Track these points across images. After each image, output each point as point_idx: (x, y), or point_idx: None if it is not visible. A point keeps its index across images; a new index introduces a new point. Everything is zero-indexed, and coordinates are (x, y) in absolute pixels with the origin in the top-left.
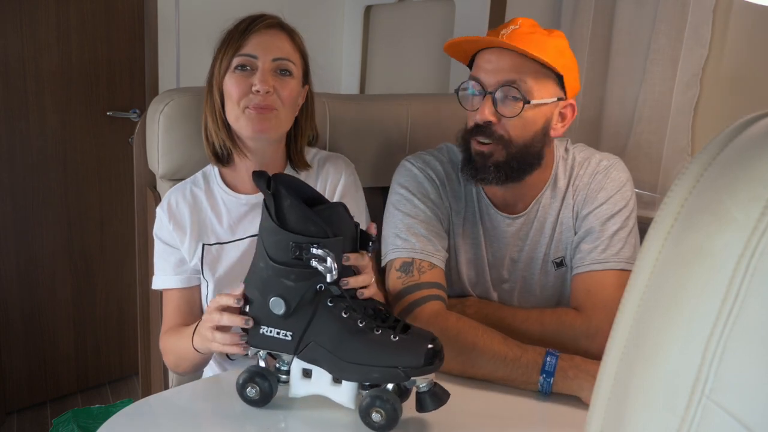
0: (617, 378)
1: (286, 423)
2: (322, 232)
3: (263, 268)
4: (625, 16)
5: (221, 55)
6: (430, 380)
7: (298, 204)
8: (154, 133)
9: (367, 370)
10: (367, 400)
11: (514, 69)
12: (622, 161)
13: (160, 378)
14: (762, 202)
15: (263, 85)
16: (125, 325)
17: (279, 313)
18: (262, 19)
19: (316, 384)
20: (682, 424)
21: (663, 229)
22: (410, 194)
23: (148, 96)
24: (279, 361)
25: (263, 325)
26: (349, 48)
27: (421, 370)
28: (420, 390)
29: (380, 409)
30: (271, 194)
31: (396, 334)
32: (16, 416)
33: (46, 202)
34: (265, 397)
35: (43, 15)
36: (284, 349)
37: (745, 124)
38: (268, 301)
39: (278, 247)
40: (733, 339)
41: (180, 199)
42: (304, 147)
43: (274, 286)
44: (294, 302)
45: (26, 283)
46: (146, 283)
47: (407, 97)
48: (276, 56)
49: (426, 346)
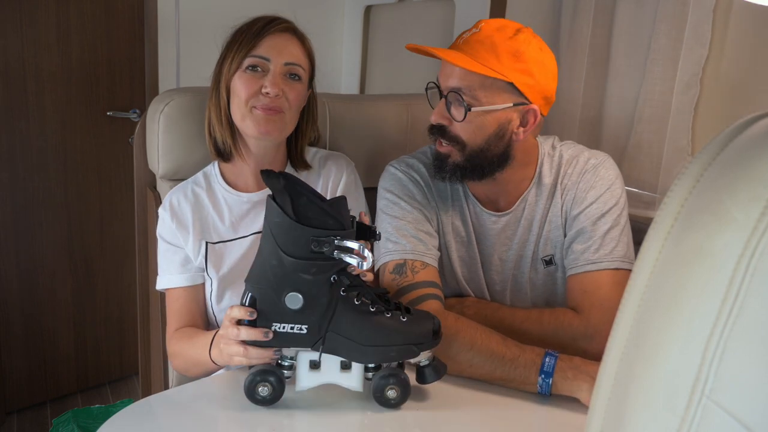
0: (617, 378)
1: (291, 419)
2: (339, 226)
3: (276, 265)
4: (625, 16)
5: (232, 53)
6: (431, 354)
7: (315, 200)
8: (154, 133)
9: (386, 350)
10: (381, 381)
11: (460, 77)
12: (611, 158)
13: (160, 378)
14: (762, 202)
15: (274, 88)
16: (125, 325)
17: (295, 308)
18: (277, 22)
19: (326, 373)
20: (682, 424)
21: (663, 229)
22: (396, 197)
23: (148, 96)
24: (281, 357)
25: (275, 322)
26: (349, 48)
27: (429, 344)
28: (422, 364)
29: (395, 386)
30: (286, 192)
31: (404, 315)
32: (16, 416)
33: (46, 202)
34: (276, 396)
35: (43, 15)
36: (300, 344)
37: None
38: (283, 297)
39: (296, 243)
40: (733, 339)
41: (182, 199)
42: (305, 148)
43: (290, 282)
44: (311, 295)
45: (26, 283)
46: (146, 283)
47: (407, 97)
48: (288, 60)
49: (431, 323)
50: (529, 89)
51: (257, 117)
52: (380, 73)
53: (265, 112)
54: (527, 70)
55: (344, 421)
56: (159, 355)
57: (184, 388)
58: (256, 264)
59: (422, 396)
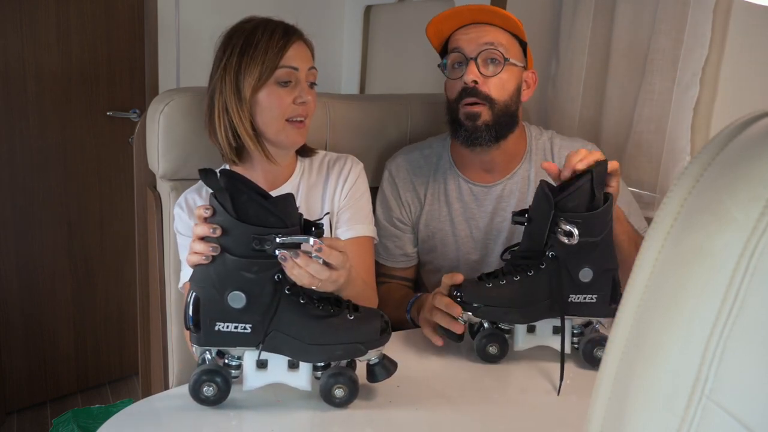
0: (617, 378)
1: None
2: (281, 223)
3: (219, 263)
4: (625, 16)
5: (256, 65)
6: (380, 353)
7: (256, 197)
8: (154, 133)
9: (332, 349)
10: (328, 380)
11: (491, 34)
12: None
13: (160, 378)
14: (762, 202)
15: (309, 96)
16: (125, 325)
17: (238, 307)
18: (294, 30)
19: (273, 373)
20: (682, 424)
21: (663, 229)
22: (378, 204)
23: (148, 96)
24: (228, 356)
25: (219, 321)
26: (349, 48)
27: (377, 342)
28: (371, 362)
29: (342, 385)
30: (225, 190)
31: (351, 313)
32: (16, 416)
33: (46, 202)
34: (221, 396)
35: (43, 15)
36: (245, 343)
37: (745, 124)
38: (225, 296)
39: (237, 241)
40: (733, 339)
41: (197, 198)
42: None
43: (232, 281)
44: (254, 294)
45: (26, 283)
46: (146, 283)
47: (407, 97)
48: (309, 66)
49: (379, 321)
50: (529, 55)
51: (292, 129)
52: (380, 73)
53: (298, 124)
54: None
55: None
56: (159, 355)
57: (184, 388)
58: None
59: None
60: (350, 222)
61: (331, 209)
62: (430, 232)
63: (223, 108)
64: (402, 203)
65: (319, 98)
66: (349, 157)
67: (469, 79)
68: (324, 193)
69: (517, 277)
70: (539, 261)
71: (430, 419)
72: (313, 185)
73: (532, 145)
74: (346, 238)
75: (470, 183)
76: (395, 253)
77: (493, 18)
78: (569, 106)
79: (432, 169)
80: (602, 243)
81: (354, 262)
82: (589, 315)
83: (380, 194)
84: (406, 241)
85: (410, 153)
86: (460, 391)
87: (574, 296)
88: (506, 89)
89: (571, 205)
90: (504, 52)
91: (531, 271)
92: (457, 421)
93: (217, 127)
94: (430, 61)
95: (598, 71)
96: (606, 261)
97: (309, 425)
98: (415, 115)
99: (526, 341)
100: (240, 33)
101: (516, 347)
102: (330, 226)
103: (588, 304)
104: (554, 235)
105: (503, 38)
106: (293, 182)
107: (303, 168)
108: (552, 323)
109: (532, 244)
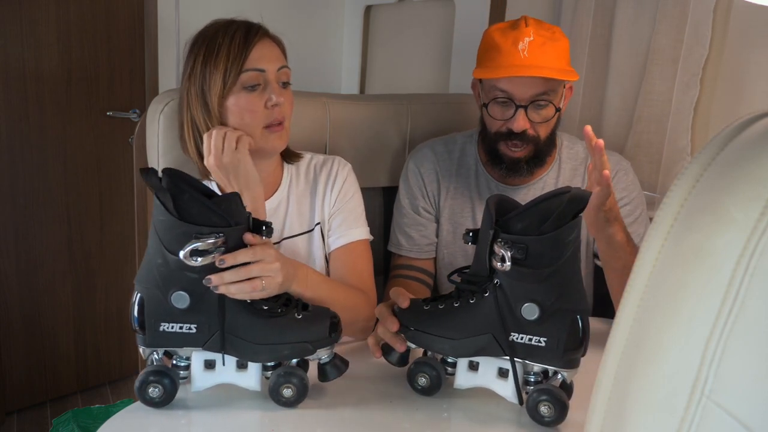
0: (617, 378)
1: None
2: (225, 222)
3: (161, 263)
4: (625, 16)
5: (219, 72)
6: (330, 352)
7: (198, 196)
8: (154, 133)
9: (279, 348)
10: (277, 380)
11: (543, 84)
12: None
13: None
14: (762, 202)
15: (280, 97)
16: (125, 325)
17: (183, 307)
18: (257, 29)
19: (221, 373)
20: (682, 424)
21: (663, 229)
22: (403, 194)
23: (148, 96)
24: (176, 357)
25: (163, 322)
26: (349, 48)
27: (326, 341)
28: (322, 361)
29: (290, 385)
30: (166, 189)
31: (299, 312)
32: (16, 416)
33: (46, 202)
34: (168, 397)
35: (43, 15)
36: (191, 343)
37: (745, 124)
38: (169, 296)
39: (179, 240)
40: (733, 339)
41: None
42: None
43: (175, 281)
44: (198, 294)
45: (26, 283)
46: None
47: (407, 97)
48: (279, 65)
49: (328, 320)
50: None
51: (272, 134)
52: (380, 73)
53: (276, 127)
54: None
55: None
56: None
57: (184, 388)
58: (143, 264)
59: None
60: (342, 228)
61: (322, 218)
62: (451, 227)
63: (190, 122)
64: (427, 192)
65: (319, 98)
66: (336, 159)
67: (518, 127)
68: (313, 201)
69: (457, 303)
70: (484, 288)
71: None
72: (302, 194)
73: (562, 154)
74: (339, 246)
75: (496, 182)
76: (420, 242)
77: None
78: (569, 106)
79: (456, 163)
80: (557, 276)
81: (345, 271)
82: (538, 361)
83: (404, 184)
84: (431, 230)
85: (435, 145)
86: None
87: (515, 335)
88: (550, 124)
89: (520, 227)
90: (554, 98)
91: (473, 298)
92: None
93: (187, 141)
94: (430, 61)
95: (598, 71)
96: (561, 298)
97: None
98: (415, 115)
99: (467, 379)
100: (203, 39)
101: (456, 384)
102: (322, 235)
103: (535, 347)
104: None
105: (555, 83)
106: (281, 194)
107: (290, 176)
108: (497, 364)
109: (479, 269)
